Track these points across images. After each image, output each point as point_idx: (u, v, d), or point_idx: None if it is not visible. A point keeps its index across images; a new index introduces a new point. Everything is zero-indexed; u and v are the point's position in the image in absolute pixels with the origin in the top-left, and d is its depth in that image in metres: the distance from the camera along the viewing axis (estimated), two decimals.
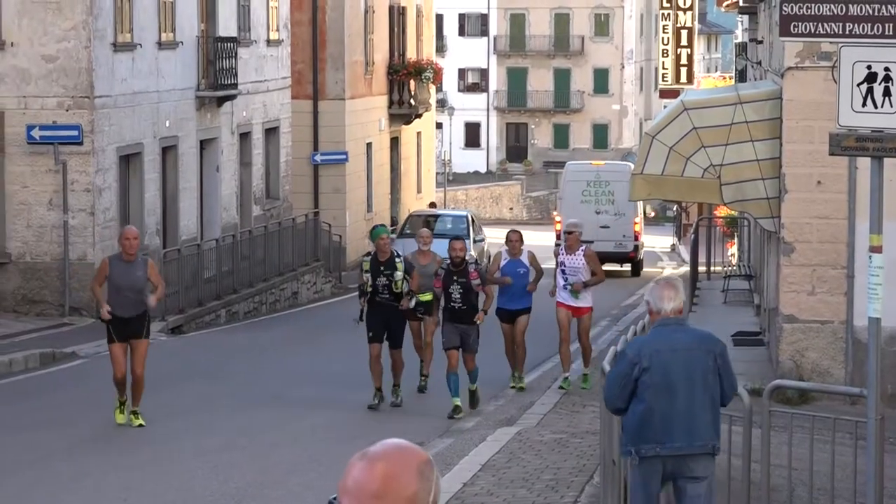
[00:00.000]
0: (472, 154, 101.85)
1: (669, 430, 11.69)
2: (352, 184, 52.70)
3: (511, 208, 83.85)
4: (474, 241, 43.78)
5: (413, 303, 19.49)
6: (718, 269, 44.64)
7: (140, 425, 15.99)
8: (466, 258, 18.91)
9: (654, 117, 45.09)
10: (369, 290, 19.43)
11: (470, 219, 47.40)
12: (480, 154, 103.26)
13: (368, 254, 19.65)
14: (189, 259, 37.49)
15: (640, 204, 52.18)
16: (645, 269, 53.13)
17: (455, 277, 18.58)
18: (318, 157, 51.01)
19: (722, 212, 42.07)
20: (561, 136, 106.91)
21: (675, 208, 56.26)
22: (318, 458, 18.50)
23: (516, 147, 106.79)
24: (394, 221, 55.11)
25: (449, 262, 18.91)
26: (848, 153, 13.99)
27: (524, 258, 20.63)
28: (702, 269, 43.04)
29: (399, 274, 19.21)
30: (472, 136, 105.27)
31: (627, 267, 52.95)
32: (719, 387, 11.90)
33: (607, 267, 40.78)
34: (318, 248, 45.85)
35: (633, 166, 51.62)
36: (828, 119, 15.29)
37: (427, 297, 20.19)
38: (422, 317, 20.61)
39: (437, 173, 69.18)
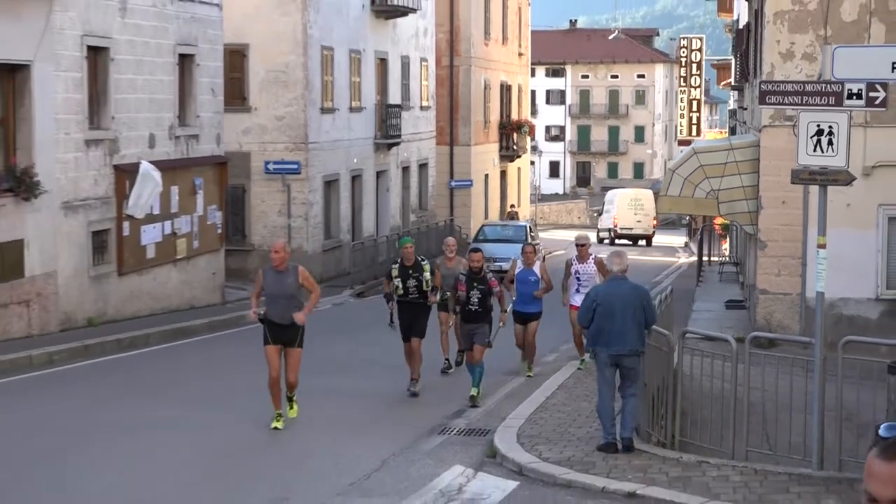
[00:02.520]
0: (554, 182, 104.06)
1: (609, 340, 13.85)
2: (475, 200, 53.73)
3: (579, 217, 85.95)
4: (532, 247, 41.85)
5: (439, 297, 18.08)
6: (716, 258, 45.04)
7: (289, 417, 13.69)
8: (484, 267, 17.05)
9: (674, 158, 46.36)
10: (399, 293, 17.52)
11: (528, 228, 45.08)
12: (559, 182, 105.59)
13: (395, 262, 17.93)
14: (369, 248, 39.52)
15: (654, 209, 66.88)
16: (663, 259, 56.95)
17: (475, 283, 16.65)
18: (453, 183, 51.87)
19: (719, 220, 42.88)
20: (612, 171, 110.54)
21: (687, 218, 59.49)
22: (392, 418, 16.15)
23: (583, 177, 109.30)
24: (512, 218, 55.31)
25: (469, 270, 17.08)
26: (803, 182, 14.36)
27: (536, 268, 19.22)
28: (705, 258, 44.04)
29: (427, 274, 17.50)
30: (554, 169, 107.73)
31: (644, 243, 68.42)
32: (644, 317, 14.12)
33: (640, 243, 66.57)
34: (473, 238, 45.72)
35: (651, 192, 69.91)
36: (790, 160, 15.01)
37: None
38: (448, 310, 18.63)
39: (531, 194, 70.04)
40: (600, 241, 64.71)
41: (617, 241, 65.72)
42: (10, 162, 22.10)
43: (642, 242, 68.54)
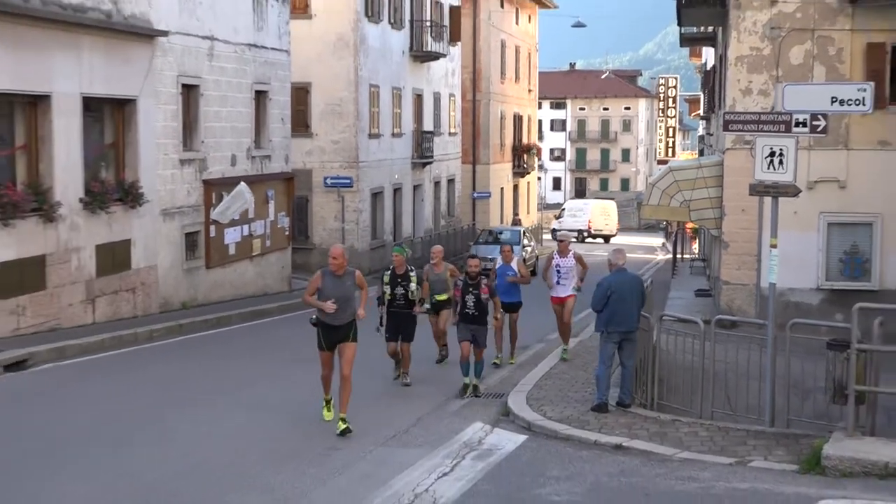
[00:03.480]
0: (556, 193, 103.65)
1: (621, 321, 13.93)
2: (492, 208, 53.60)
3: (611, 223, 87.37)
4: (523, 247, 39.83)
5: (425, 307, 16.44)
6: (687, 256, 45.36)
7: (345, 430, 11.63)
8: (480, 273, 15.61)
9: (654, 174, 46.30)
10: (388, 298, 15.84)
11: (522, 233, 43.90)
12: (560, 193, 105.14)
13: (388, 269, 16.23)
14: (378, 249, 39.09)
15: (617, 217, 75.47)
16: (645, 256, 56.71)
17: (470, 289, 15.11)
18: (475, 195, 51.52)
19: (690, 225, 42.61)
20: (604, 185, 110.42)
21: (664, 223, 59.06)
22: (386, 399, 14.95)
23: (580, 190, 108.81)
24: (516, 223, 55.55)
25: (465, 275, 15.61)
26: (759, 194, 14.02)
27: (514, 264, 17.85)
28: (678, 256, 43.67)
29: (413, 284, 15.72)
30: (556, 183, 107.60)
31: (606, 240, 70.78)
32: (642, 301, 14.33)
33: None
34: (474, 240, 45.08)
35: (614, 203, 79.03)
36: (748, 176, 14.89)
37: (443, 297, 16.86)
38: (438, 312, 17.03)
39: (538, 203, 70.10)
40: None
41: (588, 238, 70.44)
42: (121, 177, 22.25)
43: (600, 240, 70.96)
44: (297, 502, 9.67)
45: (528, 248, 41.85)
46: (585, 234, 71.11)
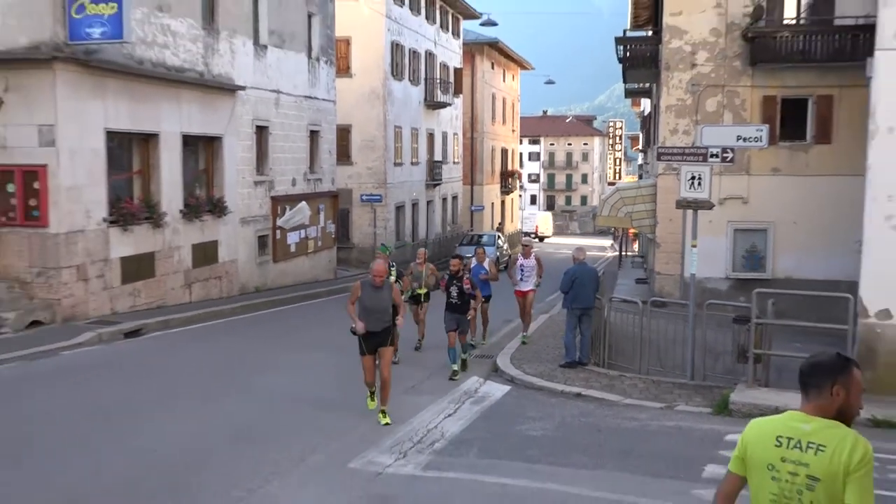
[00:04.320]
0: (532, 207, 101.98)
1: (581, 300, 14.05)
2: (485, 217, 53.10)
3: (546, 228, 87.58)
4: (497, 248, 38.48)
5: (405, 297, 14.43)
6: (630, 254, 44.67)
7: (386, 424, 10.11)
8: (461, 270, 14.09)
9: (606, 193, 46.39)
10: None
11: (496, 236, 42.07)
12: (535, 207, 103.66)
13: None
14: (420, 245, 38.03)
15: (552, 224, 79.09)
16: (598, 253, 55.44)
17: (454, 282, 13.68)
18: (472, 208, 51.05)
19: (632, 231, 42.33)
20: (568, 201, 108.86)
21: (612, 229, 58.66)
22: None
23: (550, 205, 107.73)
24: (500, 231, 53.38)
25: (449, 272, 13.98)
26: (683, 208, 13.69)
27: (486, 264, 16.17)
28: (623, 254, 43.62)
29: (392, 278, 13.51)
30: (533, 200, 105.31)
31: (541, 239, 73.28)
32: (596, 286, 14.35)
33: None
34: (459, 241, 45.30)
35: (549, 214, 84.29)
36: (675, 194, 14.39)
37: (422, 290, 15.46)
38: (418, 302, 15.51)
39: (520, 214, 70.85)
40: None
41: (535, 238, 73.10)
42: (210, 194, 22.32)
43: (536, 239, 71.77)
44: (348, 433, 9.74)
45: (501, 248, 40.49)
46: (533, 234, 73.83)
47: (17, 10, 16.16)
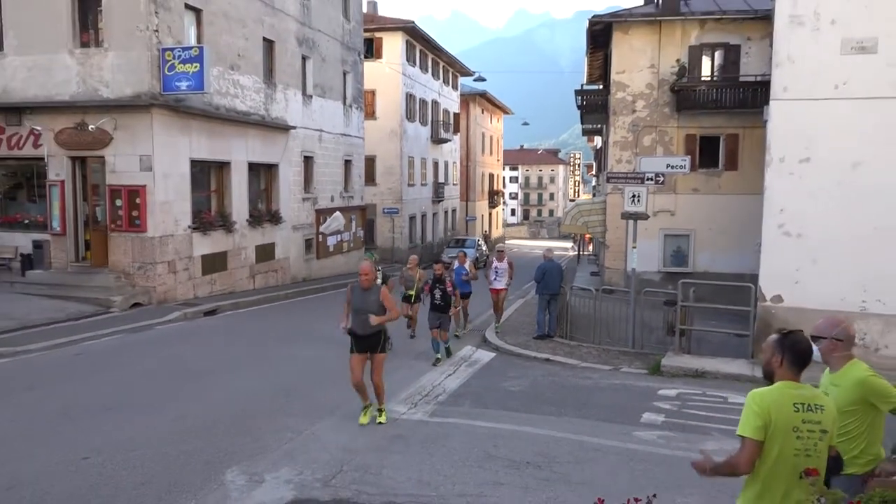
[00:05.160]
0: (512, 218, 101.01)
1: (549, 287, 13.79)
2: (477, 226, 52.63)
3: (522, 235, 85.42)
4: (477, 248, 35.98)
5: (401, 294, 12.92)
6: (586, 253, 44.18)
7: (380, 423, 8.12)
8: (444, 273, 12.24)
9: (567, 207, 45.49)
10: None
11: (477, 241, 38.85)
12: (515, 218, 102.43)
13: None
14: (428, 246, 39.15)
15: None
16: (562, 252, 50.81)
17: (437, 284, 11.96)
18: (467, 218, 50.42)
19: (588, 236, 42.13)
20: (539, 213, 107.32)
21: (573, 235, 57.81)
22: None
23: (526, 217, 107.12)
24: (487, 238, 52.73)
25: (433, 276, 12.19)
26: (627, 218, 13.33)
27: (466, 265, 14.41)
28: (581, 253, 43.94)
29: (378, 281, 10.86)
30: (513, 213, 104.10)
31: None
32: (561, 277, 14.08)
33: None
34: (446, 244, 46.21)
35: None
36: (620, 208, 14.65)
37: (412, 292, 13.41)
38: (411, 303, 13.49)
39: (503, 223, 70.35)
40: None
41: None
42: (269, 207, 22.18)
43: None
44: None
45: (481, 250, 37.99)
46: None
47: (125, 68, 16.16)
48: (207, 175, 19.24)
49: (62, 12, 16.32)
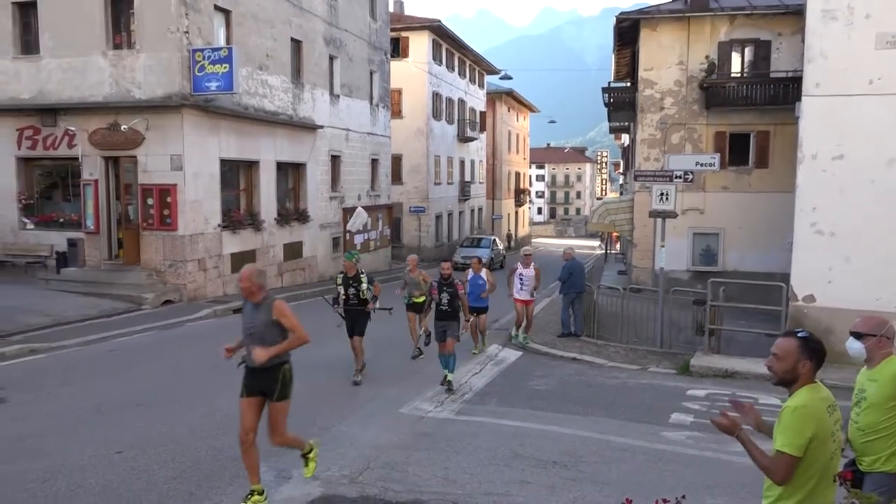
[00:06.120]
0: (539, 216, 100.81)
1: (575, 286, 13.73)
2: (503, 224, 52.57)
3: (549, 233, 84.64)
4: (491, 250, 33.62)
5: (377, 305, 10.31)
6: (613, 252, 44.10)
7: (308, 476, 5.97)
8: (452, 275, 10.16)
9: (595, 206, 45.01)
10: (343, 298, 10.20)
11: (493, 239, 36.38)
12: (542, 217, 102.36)
13: (341, 272, 10.43)
14: (454, 244, 38.79)
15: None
16: (590, 251, 50.99)
17: (445, 288, 9.94)
18: (493, 217, 50.14)
19: (615, 234, 41.71)
20: (566, 212, 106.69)
21: (600, 233, 56.63)
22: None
23: (553, 215, 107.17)
24: (510, 238, 52.27)
25: (440, 276, 10.14)
26: (654, 217, 13.21)
27: (483, 274, 12.07)
28: (609, 252, 43.53)
29: (364, 285, 10.10)
30: (539, 211, 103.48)
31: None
32: (584, 275, 14.04)
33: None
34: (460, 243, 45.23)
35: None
36: (648, 206, 14.13)
37: (420, 299, 11.59)
38: (418, 311, 11.73)
39: (529, 222, 69.90)
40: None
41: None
42: (297, 206, 22.37)
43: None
44: (397, 386, 9.62)
45: (496, 250, 35.87)
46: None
47: (156, 69, 16.41)
48: (236, 174, 19.43)
49: (95, 15, 16.61)
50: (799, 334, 3.37)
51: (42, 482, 5.92)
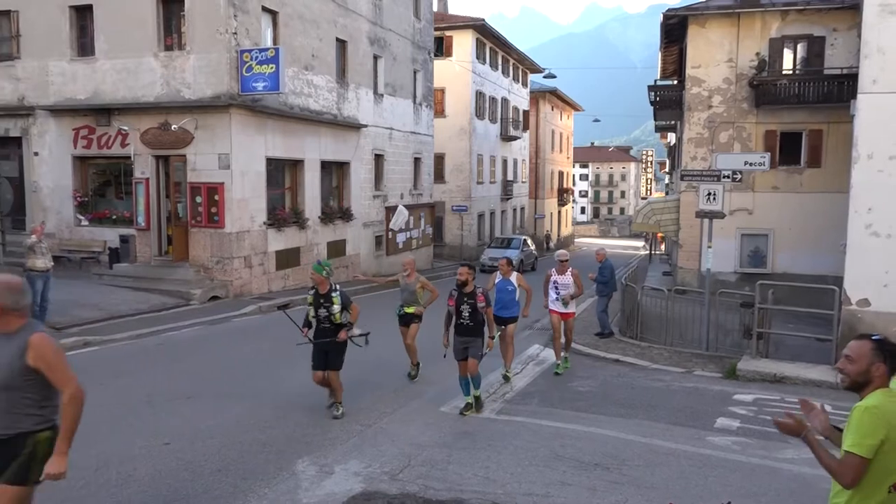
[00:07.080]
0: (582, 216, 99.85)
1: (613, 287, 13.71)
2: (546, 223, 52.12)
3: (593, 233, 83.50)
4: (521, 251, 31.09)
5: (352, 332, 8.00)
6: (658, 252, 43.69)
7: None
8: (471, 282, 8.35)
9: (640, 205, 44.72)
10: (312, 319, 7.95)
11: (523, 240, 33.09)
12: (585, 216, 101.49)
13: (312, 288, 8.04)
14: (497, 243, 38.06)
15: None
16: (634, 252, 50.62)
17: (465, 299, 8.26)
18: (536, 216, 49.85)
19: (660, 235, 41.18)
20: (610, 211, 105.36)
21: (644, 233, 55.66)
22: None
23: (597, 215, 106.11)
24: (548, 238, 50.65)
25: (456, 284, 8.40)
26: (701, 217, 12.92)
27: (513, 278, 9.96)
28: (653, 252, 43.30)
29: (336, 308, 7.83)
30: (582, 211, 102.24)
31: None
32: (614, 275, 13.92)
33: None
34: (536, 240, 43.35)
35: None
36: (694, 207, 14.16)
37: (410, 309, 9.96)
38: (407, 324, 10.02)
39: (572, 222, 69.26)
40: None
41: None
42: (340, 205, 22.60)
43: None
44: (439, 384, 9.67)
45: (526, 251, 32.41)
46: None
47: (205, 70, 16.77)
48: (282, 173, 19.71)
49: (148, 18, 17.07)
50: (874, 337, 3.25)
51: (94, 470, 6.11)
